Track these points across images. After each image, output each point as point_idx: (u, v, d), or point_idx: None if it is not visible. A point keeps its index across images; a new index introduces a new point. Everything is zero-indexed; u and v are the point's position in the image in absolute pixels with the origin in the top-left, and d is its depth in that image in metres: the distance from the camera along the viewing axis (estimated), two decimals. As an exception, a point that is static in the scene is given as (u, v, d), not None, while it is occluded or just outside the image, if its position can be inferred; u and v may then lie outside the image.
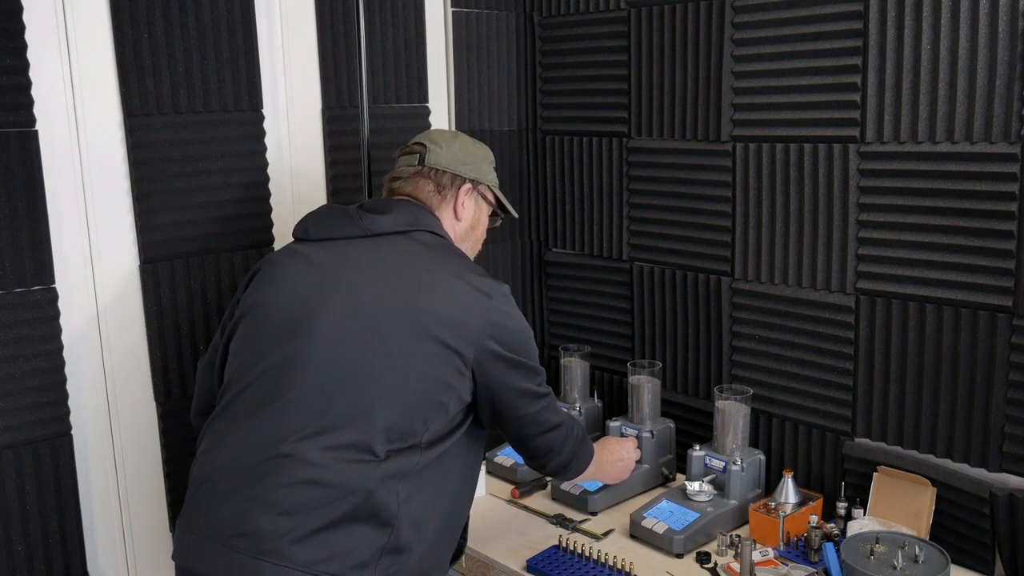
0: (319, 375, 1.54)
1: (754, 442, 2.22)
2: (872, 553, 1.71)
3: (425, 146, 1.83)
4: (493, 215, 1.95)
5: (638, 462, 2.24)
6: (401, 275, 1.63)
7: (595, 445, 1.98)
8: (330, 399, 1.52)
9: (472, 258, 1.86)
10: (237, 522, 1.49)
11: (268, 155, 2.20)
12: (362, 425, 1.50)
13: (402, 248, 1.68)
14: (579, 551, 1.98)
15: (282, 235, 2.25)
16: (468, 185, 1.84)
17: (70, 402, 1.93)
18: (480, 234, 1.91)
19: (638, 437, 2.28)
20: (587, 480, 2.07)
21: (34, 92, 1.83)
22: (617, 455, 2.13)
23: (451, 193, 1.82)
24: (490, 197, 1.91)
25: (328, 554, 1.46)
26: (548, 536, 2.08)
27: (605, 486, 2.20)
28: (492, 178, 1.91)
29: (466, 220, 1.85)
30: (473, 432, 1.66)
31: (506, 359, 1.62)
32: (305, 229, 1.74)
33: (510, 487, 2.33)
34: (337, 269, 1.64)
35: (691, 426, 2.39)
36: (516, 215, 2.00)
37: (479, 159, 1.88)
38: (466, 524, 1.76)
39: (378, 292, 1.60)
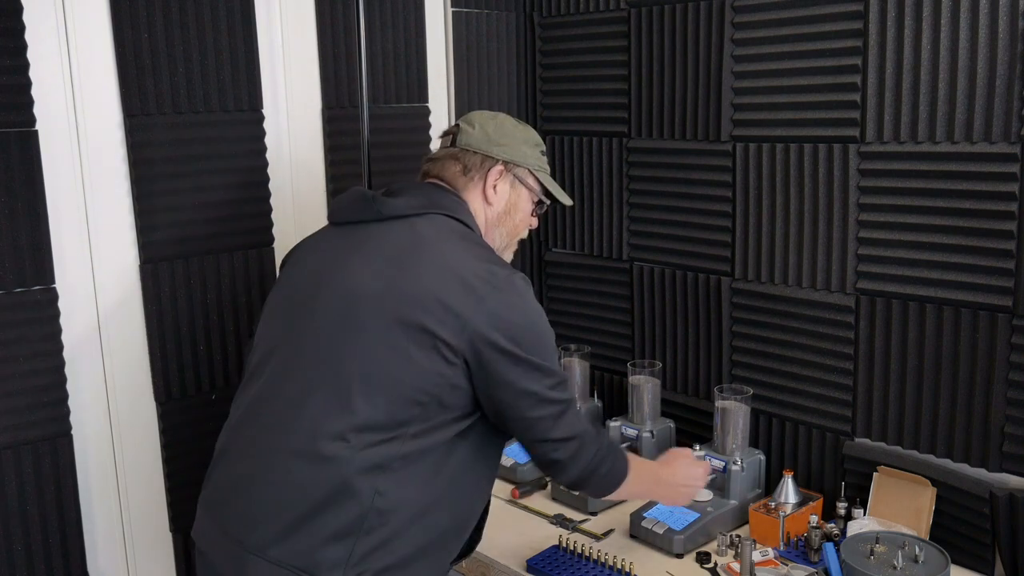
0: (305, 365, 1.53)
1: (754, 442, 2.22)
2: (872, 553, 1.71)
3: (459, 126, 1.75)
4: (540, 203, 1.80)
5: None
6: (394, 258, 1.57)
7: (659, 460, 1.90)
8: (310, 391, 1.51)
9: (507, 245, 1.77)
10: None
11: (268, 155, 2.20)
12: (339, 415, 1.47)
13: (408, 231, 1.60)
14: (579, 551, 1.98)
15: (282, 235, 2.25)
16: (500, 166, 1.71)
17: (70, 402, 1.93)
18: (519, 221, 1.77)
19: (637, 438, 2.28)
20: (635, 498, 1.94)
21: (34, 92, 1.83)
22: (681, 479, 1.88)
23: (479, 175, 1.70)
24: (531, 182, 1.76)
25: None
26: (548, 536, 2.08)
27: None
28: (535, 162, 1.76)
29: (499, 204, 1.72)
30: (482, 427, 1.59)
31: (505, 351, 1.50)
32: (331, 212, 1.73)
33: (510, 487, 2.33)
34: (341, 254, 1.61)
35: (691, 426, 2.39)
36: (569, 202, 1.84)
37: (518, 140, 1.75)
38: (481, 522, 1.70)
39: (367, 276, 1.56)
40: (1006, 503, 1.81)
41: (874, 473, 2.00)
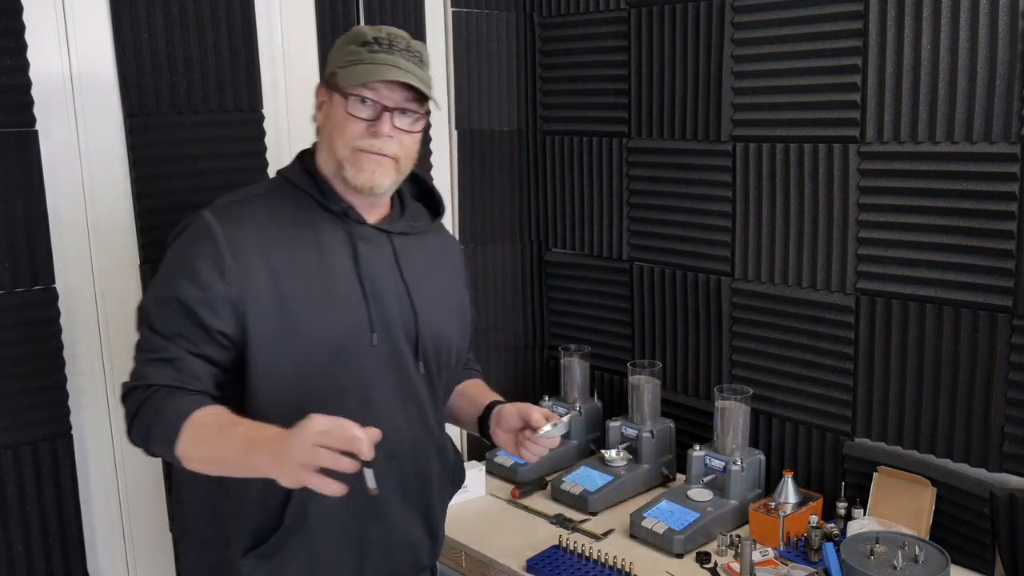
0: None
1: (754, 442, 2.22)
2: (872, 553, 1.71)
3: None
4: (355, 96, 1.47)
5: (371, 465, 1.24)
6: None
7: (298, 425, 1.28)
8: None
9: (342, 159, 1.49)
10: None
11: (268, 155, 2.20)
12: None
13: None
14: (579, 551, 1.98)
15: (282, 235, 2.24)
16: (320, 89, 1.55)
17: (70, 402, 1.93)
18: (333, 127, 1.50)
19: (637, 438, 2.28)
20: (232, 470, 1.42)
21: (34, 92, 1.83)
22: (274, 437, 1.29)
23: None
24: (339, 82, 1.48)
25: None
26: (548, 536, 2.08)
27: (606, 485, 2.20)
28: (340, 61, 1.49)
29: (321, 123, 1.55)
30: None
31: None
32: None
33: (510, 487, 2.33)
34: None
35: (691, 426, 2.39)
36: (369, 78, 1.46)
37: (333, 52, 1.54)
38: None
39: None
40: (1006, 503, 1.81)
41: (874, 473, 2.00)
